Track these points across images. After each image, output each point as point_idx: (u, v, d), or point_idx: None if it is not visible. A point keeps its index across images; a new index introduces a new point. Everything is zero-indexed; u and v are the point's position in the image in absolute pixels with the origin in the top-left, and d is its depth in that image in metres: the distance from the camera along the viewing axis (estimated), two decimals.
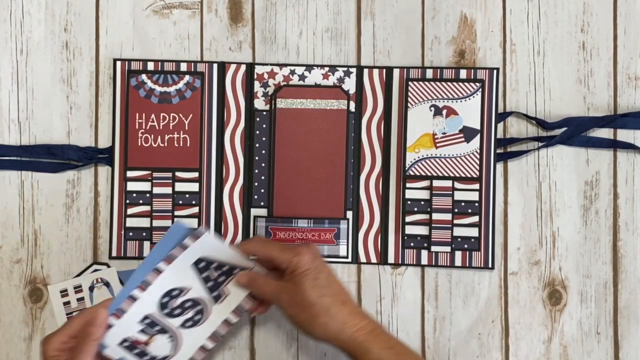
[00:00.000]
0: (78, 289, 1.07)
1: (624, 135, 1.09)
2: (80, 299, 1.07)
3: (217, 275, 1.00)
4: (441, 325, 1.09)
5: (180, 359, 0.99)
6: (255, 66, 1.09)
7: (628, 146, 1.08)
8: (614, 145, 1.08)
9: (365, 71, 1.09)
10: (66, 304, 1.07)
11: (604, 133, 1.09)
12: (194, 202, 1.08)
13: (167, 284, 0.99)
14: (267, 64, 1.09)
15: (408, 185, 1.08)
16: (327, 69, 1.09)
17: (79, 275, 1.08)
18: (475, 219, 1.07)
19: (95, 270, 1.08)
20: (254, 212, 1.08)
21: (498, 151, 1.08)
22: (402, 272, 1.09)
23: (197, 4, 1.10)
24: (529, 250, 1.08)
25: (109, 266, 1.08)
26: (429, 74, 1.08)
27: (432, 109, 1.07)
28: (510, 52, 1.10)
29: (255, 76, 1.08)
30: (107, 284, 1.07)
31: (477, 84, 1.07)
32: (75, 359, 0.90)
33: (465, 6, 1.10)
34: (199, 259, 0.99)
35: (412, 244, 1.08)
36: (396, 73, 1.09)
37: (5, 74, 1.09)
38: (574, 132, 1.08)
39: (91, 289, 1.07)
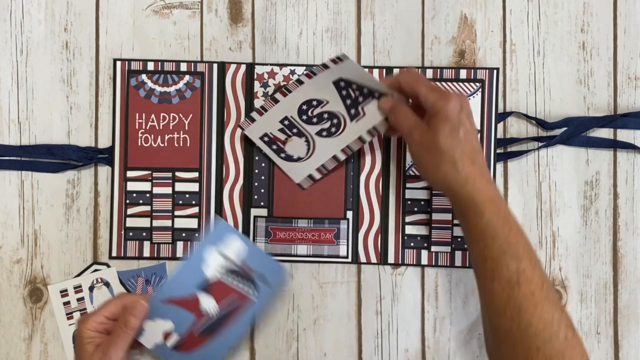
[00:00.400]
0: (78, 289, 1.07)
1: (624, 135, 1.09)
2: (80, 299, 1.07)
3: (356, 95, 1.03)
4: (441, 325, 1.09)
5: (312, 163, 1.06)
6: (255, 66, 1.09)
7: (628, 146, 1.08)
8: (614, 145, 1.08)
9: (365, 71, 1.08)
10: (66, 304, 1.07)
11: (604, 133, 1.09)
12: (194, 202, 1.08)
13: (307, 94, 1.05)
14: (267, 64, 1.09)
15: (408, 185, 1.08)
16: None
17: (79, 275, 1.08)
18: None
19: (95, 270, 1.08)
20: (254, 212, 1.08)
21: (498, 151, 1.08)
22: (402, 272, 1.09)
23: (197, 4, 1.10)
24: None
25: (109, 266, 1.08)
26: (429, 73, 1.08)
27: None
28: (510, 52, 1.10)
29: (255, 76, 1.08)
30: (107, 284, 1.07)
31: (477, 84, 1.07)
32: (111, 346, 0.93)
33: (465, 6, 1.10)
34: (339, 78, 1.02)
35: (412, 244, 1.08)
36: (396, 73, 1.08)
37: (5, 74, 1.09)
38: (574, 132, 1.08)
39: (91, 289, 1.07)
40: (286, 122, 1.05)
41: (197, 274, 1.03)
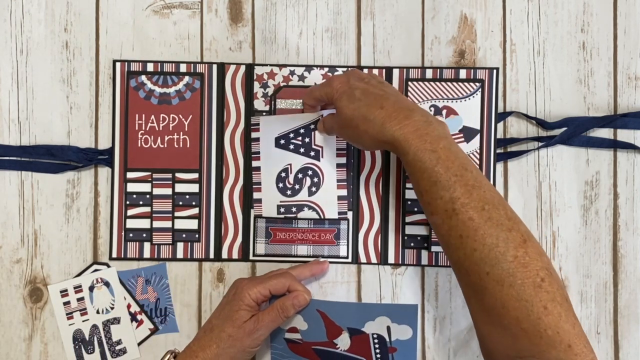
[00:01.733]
0: (78, 289, 1.07)
1: (624, 135, 1.09)
2: (80, 299, 1.07)
3: (301, 141, 1.06)
4: (441, 325, 1.09)
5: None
6: (255, 67, 1.09)
7: (628, 146, 1.08)
8: (614, 145, 1.08)
9: (365, 72, 1.08)
10: (66, 304, 1.07)
11: (604, 133, 1.09)
12: (194, 203, 1.08)
13: (270, 171, 1.07)
14: (266, 65, 1.09)
15: (408, 185, 1.08)
16: (326, 69, 1.08)
17: (79, 275, 1.08)
18: None
19: (95, 270, 1.08)
20: (254, 212, 1.08)
21: (498, 151, 1.08)
22: (402, 272, 1.09)
23: (197, 4, 1.10)
24: None
25: (109, 266, 1.08)
26: (429, 74, 1.08)
27: (432, 109, 1.07)
28: (510, 52, 1.10)
29: (255, 77, 1.08)
30: (107, 284, 1.07)
31: (477, 84, 1.07)
32: (263, 323, 0.98)
33: (465, 6, 1.10)
34: (275, 138, 1.06)
35: (412, 244, 1.08)
36: (396, 73, 1.09)
37: (5, 74, 1.09)
38: (574, 132, 1.08)
39: (91, 289, 1.07)
40: (282, 210, 1.09)
41: (360, 320, 1.05)
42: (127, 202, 1.08)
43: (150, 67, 1.08)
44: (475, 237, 0.82)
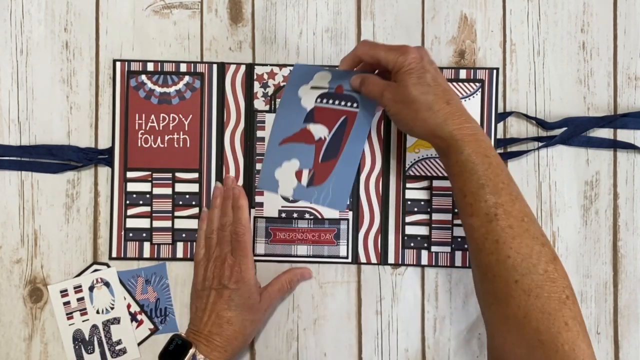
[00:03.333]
0: (78, 289, 1.07)
1: (624, 135, 1.09)
2: (80, 299, 1.07)
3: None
4: (441, 325, 1.09)
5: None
6: (255, 66, 1.09)
7: (628, 146, 1.08)
8: (614, 145, 1.08)
9: None
10: (66, 304, 1.07)
11: (604, 133, 1.09)
12: (194, 203, 1.08)
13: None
14: (266, 65, 1.09)
15: (408, 185, 1.08)
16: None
17: (79, 275, 1.08)
18: None
19: (95, 270, 1.08)
20: (254, 212, 1.08)
21: (498, 151, 1.08)
22: (402, 272, 1.09)
23: (197, 4, 1.10)
24: None
25: (109, 266, 1.08)
26: None
27: None
28: (510, 52, 1.10)
29: (255, 76, 1.08)
30: (107, 284, 1.07)
31: (477, 84, 1.07)
32: (274, 299, 1.06)
33: (465, 6, 1.10)
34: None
35: (412, 244, 1.08)
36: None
37: (5, 74, 1.09)
38: (574, 132, 1.08)
39: (91, 289, 1.07)
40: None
41: (299, 111, 1.06)
42: (127, 202, 1.08)
43: (150, 67, 1.08)
44: (511, 245, 0.84)
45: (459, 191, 0.90)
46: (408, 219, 1.08)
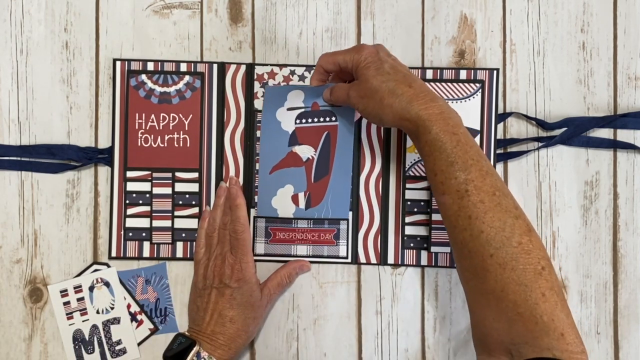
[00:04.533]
0: (78, 289, 1.07)
1: (624, 135, 1.09)
2: (80, 299, 1.07)
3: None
4: (441, 325, 1.09)
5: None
6: (255, 66, 1.09)
7: (628, 146, 1.08)
8: (614, 145, 1.08)
9: None
10: (66, 304, 1.07)
11: (604, 133, 1.09)
12: (194, 203, 1.08)
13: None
14: (267, 65, 1.09)
15: (408, 185, 1.08)
16: None
17: (79, 275, 1.08)
18: None
19: (95, 270, 1.08)
20: (254, 212, 1.08)
21: (498, 151, 1.08)
22: (402, 272, 1.09)
23: (197, 4, 1.10)
24: None
25: (109, 266, 1.08)
26: (429, 74, 1.08)
27: None
28: (510, 52, 1.10)
29: (255, 76, 1.08)
30: (107, 284, 1.07)
31: (477, 85, 1.07)
32: (274, 294, 1.07)
33: (465, 6, 1.10)
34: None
35: (411, 245, 1.08)
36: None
37: (5, 74, 1.09)
38: (574, 132, 1.08)
39: (91, 289, 1.07)
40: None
41: (281, 135, 1.06)
42: (127, 201, 1.07)
43: (150, 66, 1.08)
44: (484, 219, 0.84)
45: (430, 171, 0.90)
46: (408, 219, 1.08)
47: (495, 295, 0.83)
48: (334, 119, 1.05)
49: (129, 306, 1.08)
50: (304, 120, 1.06)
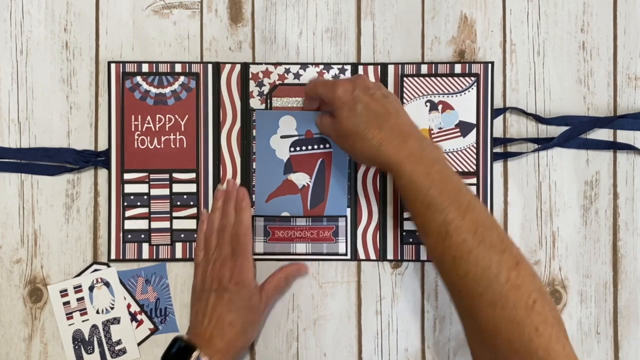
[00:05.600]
0: (78, 289, 1.07)
1: (624, 135, 1.09)
2: (80, 299, 1.07)
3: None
4: (441, 325, 1.09)
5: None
6: (250, 65, 1.09)
7: (627, 147, 1.08)
8: (612, 146, 1.08)
9: (360, 68, 1.09)
10: (66, 304, 1.07)
11: (604, 134, 1.09)
12: (191, 203, 1.08)
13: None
14: (261, 63, 1.09)
15: None
16: (322, 66, 1.09)
17: (79, 275, 1.08)
18: None
19: (95, 270, 1.08)
20: (252, 211, 1.08)
21: (498, 150, 1.08)
22: (402, 271, 1.09)
23: (197, 4, 1.10)
24: (528, 250, 1.08)
25: (109, 266, 1.08)
26: (424, 69, 1.08)
27: (428, 104, 1.07)
28: (510, 52, 1.10)
29: (250, 75, 1.08)
30: (107, 284, 1.08)
31: (472, 78, 1.07)
32: (271, 298, 1.06)
33: (465, 6, 1.10)
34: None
35: (410, 240, 1.08)
36: (391, 69, 1.09)
37: (5, 74, 1.09)
38: (572, 134, 1.07)
39: (91, 289, 1.08)
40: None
41: (276, 163, 1.08)
42: (125, 204, 1.08)
43: (145, 68, 1.08)
44: (468, 259, 0.83)
45: (410, 213, 0.91)
46: (406, 214, 1.08)
47: (489, 334, 0.82)
48: (327, 145, 1.07)
49: (129, 306, 1.08)
50: (297, 148, 1.07)
